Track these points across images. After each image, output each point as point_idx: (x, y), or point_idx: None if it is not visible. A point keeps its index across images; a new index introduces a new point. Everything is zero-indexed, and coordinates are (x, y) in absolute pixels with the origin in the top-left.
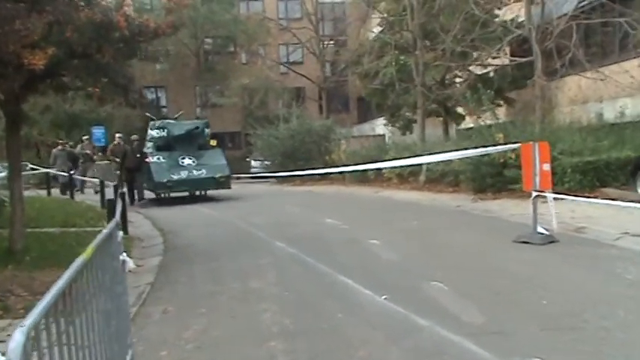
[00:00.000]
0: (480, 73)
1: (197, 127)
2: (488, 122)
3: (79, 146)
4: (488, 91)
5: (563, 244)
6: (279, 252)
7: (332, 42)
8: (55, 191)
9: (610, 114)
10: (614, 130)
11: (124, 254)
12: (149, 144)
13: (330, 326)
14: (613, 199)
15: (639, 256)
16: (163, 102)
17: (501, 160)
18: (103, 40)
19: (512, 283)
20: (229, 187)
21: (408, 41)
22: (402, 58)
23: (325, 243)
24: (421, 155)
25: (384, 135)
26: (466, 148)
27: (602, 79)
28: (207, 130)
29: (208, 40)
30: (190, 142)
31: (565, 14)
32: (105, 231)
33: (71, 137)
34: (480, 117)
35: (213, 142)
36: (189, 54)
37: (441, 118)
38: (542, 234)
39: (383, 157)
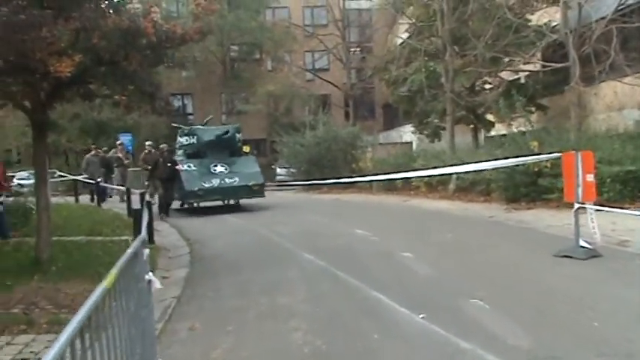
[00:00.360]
0: (511, 79)
1: (227, 132)
2: (521, 129)
3: (112, 151)
4: (521, 97)
5: (607, 258)
6: (308, 265)
7: (358, 48)
8: (85, 198)
9: None
10: None
11: (150, 274)
12: (179, 152)
13: (366, 348)
14: None
15: None
16: (190, 109)
17: (536, 169)
18: (130, 46)
19: (558, 302)
20: (263, 196)
21: (438, 47)
22: (431, 64)
23: (356, 255)
24: (454, 165)
25: (411, 142)
26: (499, 158)
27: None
28: (238, 135)
29: (234, 48)
30: (222, 149)
31: (603, 17)
32: (129, 250)
33: (99, 144)
34: (511, 124)
35: (246, 148)
36: (215, 61)
37: (471, 126)
38: (585, 248)
39: (411, 165)
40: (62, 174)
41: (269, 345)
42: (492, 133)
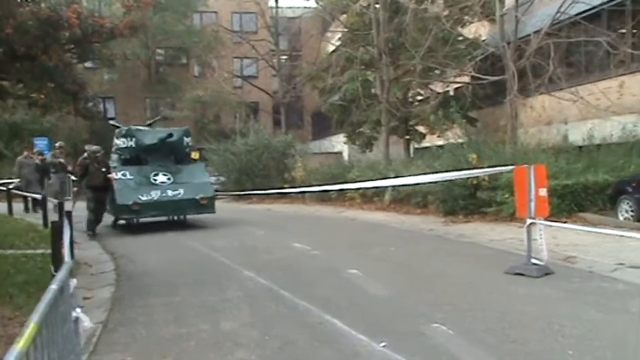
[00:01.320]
0: (440, 91)
1: (172, 135)
2: (458, 140)
3: (49, 154)
4: (459, 109)
5: (559, 276)
6: (249, 283)
7: (286, 56)
8: (18, 207)
9: (576, 136)
10: (583, 153)
11: (79, 310)
12: (114, 156)
13: None
14: (605, 226)
15: None
16: (111, 113)
17: (474, 182)
18: (50, 39)
19: (525, 328)
20: (213, 211)
21: (373, 56)
22: (367, 73)
23: (299, 273)
24: (395, 177)
25: (341, 152)
26: (439, 171)
27: (575, 101)
28: (187, 140)
29: (160, 51)
30: (165, 155)
31: (538, 31)
32: (53, 287)
33: (10, 148)
34: (440, 135)
35: (194, 155)
36: (139, 64)
37: (406, 137)
38: (537, 265)
39: (346, 175)
40: None
41: None
42: (423, 144)
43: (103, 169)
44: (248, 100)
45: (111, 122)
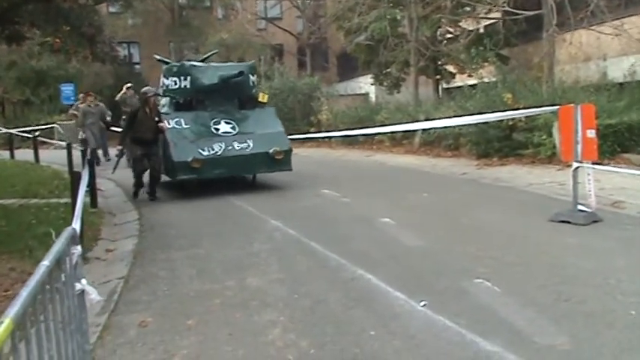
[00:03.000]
0: (472, 28)
1: (240, 74)
2: (484, 80)
3: (118, 96)
4: (493, 46)
5: (609, 223)
6: (277, 234)
7: None
8: (56, 155)
9: (615, 72)
10: (625, 90)
11: (84, 281)
12: (163, 100)
13: (365, 352)
14: None
15: None
16: (136, 58)
17: (509, 123)
18: None
19: (579, 284)
20: (290, 168)
21: None
22: (395, 11)
23: (329, 222)
24: (431, 119)
25: (367, 94)
26: (473, 113)
27: (617, 34)
28: (253, 78)
29: None
30: (228, 98)
31: None
32: (44, 264)
33: (37, 95)
34: (471, 75)
35: (262, 97)
36: (162, 8)
37: (437, 76)
38: (584, 212)
39: (374, 117)
40: None
41: (241, 349)
42: (452, 84)
43: (156, 118)
44: (272, 42)
45: (157, 57)
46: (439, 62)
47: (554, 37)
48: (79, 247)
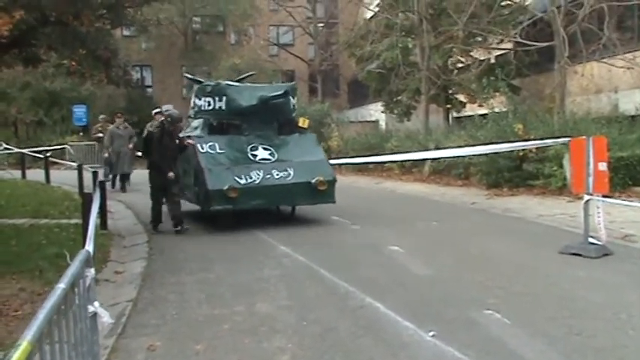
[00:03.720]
0: (483, 58)
1: (282, 95)
2: (495, 110)
3: (147, 125)
4: (504, 77)
5: (619, 257)
6: (286, 260)
7: (323, 23)
8: (66, 175)
9: (627, 105)
10: (636, 123)
11: (97, 304)
12: (194, 123)
13: None
14: None
15: None
16: (148, 81)
17: (520, 154)
18: (82, 4)
19: (589, 317)
20: (333, 200)
21: (413, 22)
22: (407, 40)
23: (338, 249)
24: (441, 148)
25: (377, 121)
26: (485, 143)
27: (629, 68)
28: (293, 101)
29: (196, 19)
30: (267, 121)
31: None
32: (61, 286)
33: (50, 116)
34: (481, 104)
35: (303, 122)
36: (176, 32)
37: (447, 105)
38: (595, 245)
39: (384, 145)
40: (8, 146)
41: None
42: (462, 113)
43: (177, 141)
44: (284, 67)
45: (188, 76)
46: (450, 91)
47: (566, 69)
48: (92, 270)
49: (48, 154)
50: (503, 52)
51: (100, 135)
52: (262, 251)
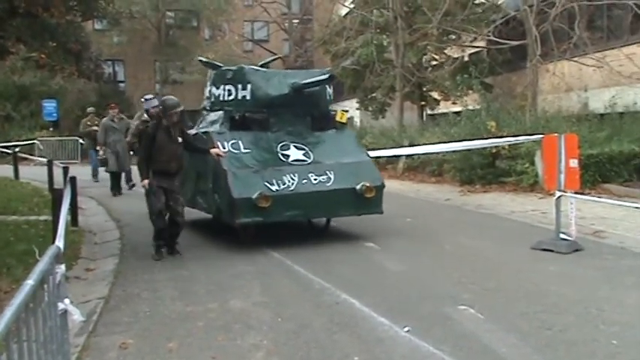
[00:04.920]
0: (456, 56)
1: (321, 82)
2: (469, 107)
3: (137, 114)
4: (478, 74)
5: (590, 253)
6: (260, 256)
7: (298, 19)
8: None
9: (596, 104)
10: (605, 121)
11: (67, 301)
12: (211, 116)
13: None
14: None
15: None
16: (121, 76)
17: (493, 151)
18: None
19: (561, 312)
20: (380, 210)
21: (388, 20)
22: (382, 37)
23: (313, 246)
24: (416, 145)
25: (352, 118)
26: (460, 140)
27: (599, 67)
28: (330, 91)
29: (170, 14)
30: (299, 115)
31: None
32: (29, 282)
33: (18, 111)
34: (455, 102)
35: (341, 116)
36: (150, 27)
37: (422, 102)
38: (566, 240)
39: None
40: None
41: None
42: (436, 111)
43: (179, 139)
44: (258, 63)
45: (202, 59)
46: (424, 88)
47: (538, 67)
48: (62, 266)
49: (17, 150)
50: (476, 50)
51: (95, 129)
52: (236, 248)
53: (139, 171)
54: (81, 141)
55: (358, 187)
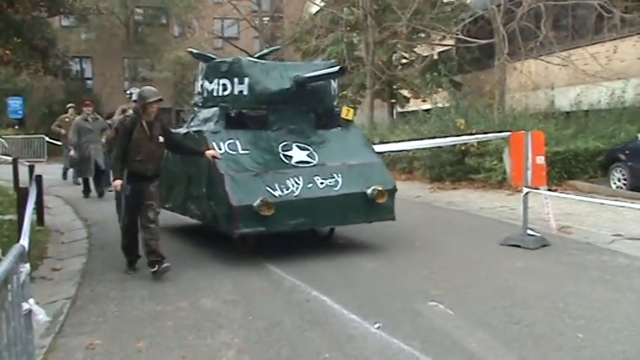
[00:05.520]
0: (426, 54)
1: (327, 75)
2: (438, 105)
3: (117, 111)
4: (447, 72)
5: (557, 248)
6: (230, 254)
7: (268, 17)
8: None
9: (562, 102)
10: (571, 119)
11: (32, 301)
12: (204, 113)
13: None
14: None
15: None
16: (88, 74)
17: (462, 148)
18: None
19: (528, 307)
20: (393, 217)
21: (358, 18)
22: (352, 35)
23: (284, 243)
24: (386, 142)
25: None
26: (429, 137)
27: (565, 65)
28: (335, 85)
29: (139, 10)
30: (302, 111)
31: None
32: None
33: None
34: (425, 100)
35: (347, 113)
36: (118, 24)
37: (392, 100)
38: (533, 236)
39: None
40: None
41: None
42: (407, 108)
43: (160, 139)
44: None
45: (194, 51)
46: (394, 86)
47: (505, 66)
48: (27, 266)
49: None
50: (445, 48)
51: (60, 130)
52: (207, 246)
53: (112, 170)
54: (47, 139)
55: (369, 191)
